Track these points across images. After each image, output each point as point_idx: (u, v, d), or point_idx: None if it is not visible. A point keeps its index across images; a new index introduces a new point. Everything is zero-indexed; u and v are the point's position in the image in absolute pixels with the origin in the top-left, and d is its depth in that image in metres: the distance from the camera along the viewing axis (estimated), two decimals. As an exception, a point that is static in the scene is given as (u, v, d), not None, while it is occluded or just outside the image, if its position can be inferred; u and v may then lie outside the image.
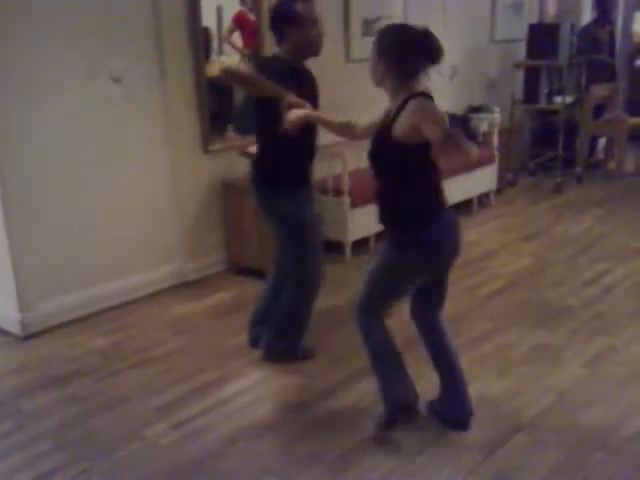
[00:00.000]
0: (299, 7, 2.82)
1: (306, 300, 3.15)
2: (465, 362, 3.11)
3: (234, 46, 4.97)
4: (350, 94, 4.76)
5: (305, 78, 2.94)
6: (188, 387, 3.02)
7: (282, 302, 3.15)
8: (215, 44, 4.93)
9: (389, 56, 2.34)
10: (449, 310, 3.64)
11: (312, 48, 2.88)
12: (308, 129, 2.83)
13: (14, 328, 3.54)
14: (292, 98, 2.75)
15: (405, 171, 2.41)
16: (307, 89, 2.91)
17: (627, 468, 2.42)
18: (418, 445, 2.57)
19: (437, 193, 2.48)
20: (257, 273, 4.12)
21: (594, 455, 2.48)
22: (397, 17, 5.08)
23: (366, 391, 2.91)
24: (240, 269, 4.28)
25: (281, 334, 3.18)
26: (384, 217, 2.53)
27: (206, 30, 4.40)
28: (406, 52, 2.33)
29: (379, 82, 2.42)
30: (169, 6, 3.79)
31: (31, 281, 3.52)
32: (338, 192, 4.47)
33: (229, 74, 2.88)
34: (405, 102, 2.32)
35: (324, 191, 4.55)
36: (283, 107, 2.74)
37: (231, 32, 4.93)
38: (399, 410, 2.65)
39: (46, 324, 3.58)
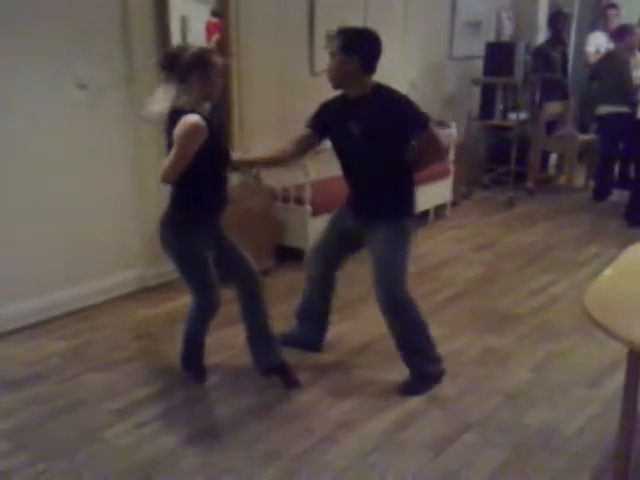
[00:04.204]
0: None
1: None
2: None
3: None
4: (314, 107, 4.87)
5: None
6: (148, 390, 3.06)
7: None
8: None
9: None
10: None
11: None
12: None
13: (-29, 332, 3.53)
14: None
15: None
16: None
17: (569, 465, 2.56)
18: (369, 444, 2.67)
19: None
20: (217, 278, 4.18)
21: (538, 453, 2.62)
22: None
23: (322, 394, 3.02)
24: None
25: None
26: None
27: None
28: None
29: None
30: (138, 14, 3.85)
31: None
32: (300, 201, 4.58)
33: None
34: None
35: (286, 200, 4.66)
36: None
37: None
38: None
39: (4, 328, 3.57)
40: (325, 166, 4.18)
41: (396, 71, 5.74)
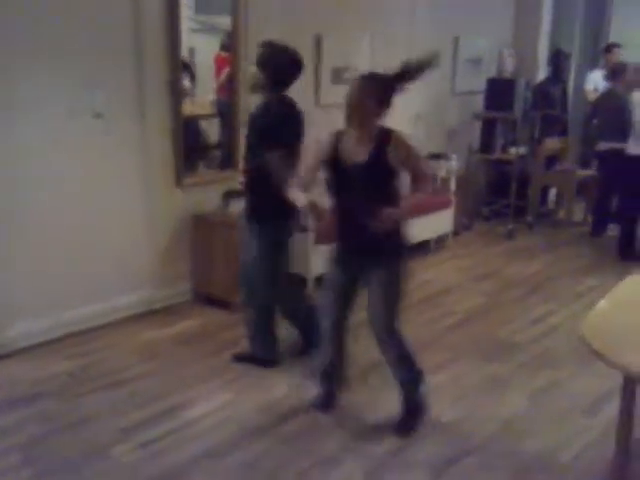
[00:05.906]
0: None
1: None
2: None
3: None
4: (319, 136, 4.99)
5: None
6: (154, 409, 3.12)
7: None
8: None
9: None
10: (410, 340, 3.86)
11: None
12: None
13: (-19, 349, 3.60)
14: None
15: None
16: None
17: (565, 490, 2.62)
18: (371, 464, 2.73)
19: None
20: (222, 303, 4.27)
21: (536, 478, 2.68)
22: (364, 68, 5.36)
23: (323, 416, 3.08)
24: (206, 299, 4.41)
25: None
26: None
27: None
28: None
29: None
30: (151, 46, 3.97)
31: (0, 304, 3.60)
32: (303, 228, 4.64)
33: None
34: None
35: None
36: None
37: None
38: None
39: (14, 347, 3.64)
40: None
41: (401, 105, 5.87)
